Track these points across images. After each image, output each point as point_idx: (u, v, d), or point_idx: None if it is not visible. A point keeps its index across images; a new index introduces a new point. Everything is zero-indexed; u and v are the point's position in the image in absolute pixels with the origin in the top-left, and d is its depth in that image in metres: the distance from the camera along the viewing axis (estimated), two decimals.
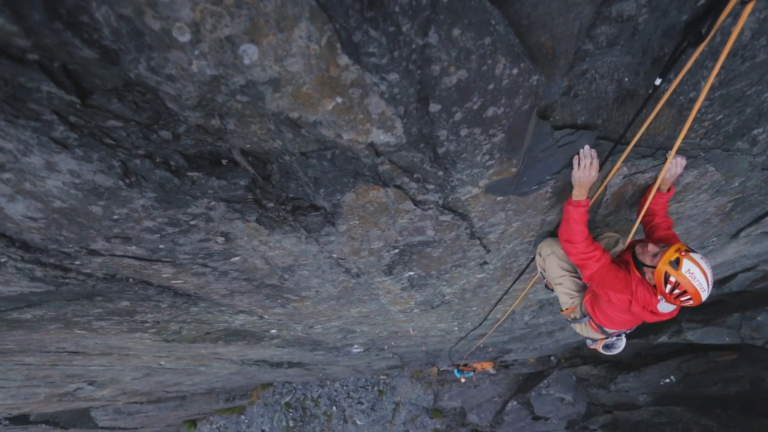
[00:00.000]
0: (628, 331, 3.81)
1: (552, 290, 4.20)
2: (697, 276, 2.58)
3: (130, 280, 2.94)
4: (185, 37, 1.33)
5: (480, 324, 7.11)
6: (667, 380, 10.75)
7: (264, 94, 1.61)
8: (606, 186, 3.09)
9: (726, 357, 9.71)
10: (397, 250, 3.41)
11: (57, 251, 2.35)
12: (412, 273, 4.01)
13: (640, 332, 11.01)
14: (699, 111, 2.56)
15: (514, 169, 2.63)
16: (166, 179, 1.98)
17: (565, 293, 3.91)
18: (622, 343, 3.91)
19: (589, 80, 2.23)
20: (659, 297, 2.86)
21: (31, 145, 1.60)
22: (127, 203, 2.05)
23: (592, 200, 3.02)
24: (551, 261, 3.78)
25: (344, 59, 1.55)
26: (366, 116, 1.86)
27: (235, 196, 2.27)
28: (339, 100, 1.73)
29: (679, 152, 2.83)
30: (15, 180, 1.74)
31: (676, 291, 2.66)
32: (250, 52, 1.43)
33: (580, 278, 3.74)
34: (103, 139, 1.68)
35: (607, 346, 3.93)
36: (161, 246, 2.52)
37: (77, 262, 2.50)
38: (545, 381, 13.78)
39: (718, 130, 2.80)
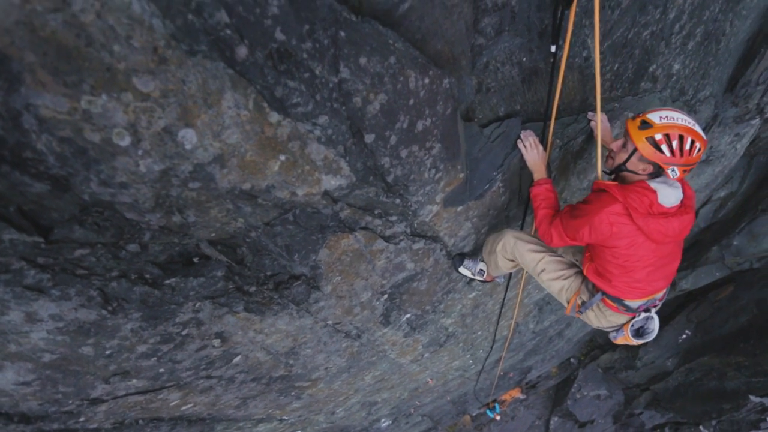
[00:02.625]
0: (658, 302, 2.91)
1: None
2: (673, 116, 2.21)
3: (140, 422, 2.84)
4: (126, 141, 1.41)
5: (491, 348, 7.06)
6: (684, 336, 10.83)
7: (213, 174, 1.69)
8: (548, 163, 3.27)
9: (725, 292, 9.94)
10: (386, 295, 3.44)
11: (58, 413, 2.28)
12: (408, 315, 4.02)
13: None
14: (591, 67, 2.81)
15: (461, 175, 2.76)
16: (146, 294, 1.99)
17: (555, 279, 3.13)
18: (656, 323, 2.96)
19: (493, 71, 2.43)
20: (669, 171, 2.28)
21: (6, 300, 1.61)
22: (115, 332, 2.03)
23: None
24: (520, 251, 3.15)
25: (274, 116, 1.66)
26: (312, 166, 1.96)
27: (216, 291, 2.29)
28: (282, 157, 1.83)
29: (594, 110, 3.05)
30: None
31: (675, 143, 2.19)
32: (188, 137, 1.52)
33: (556, 252, 3.19)
34: (75, 271, 1.71)
35: (637, 332, 2.98)
36: (161, 370, 2.48)
37: (82, 419, 2.42)
38: (575, 385, 13.58)
39: (620, 79, 3.05)
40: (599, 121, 2.62)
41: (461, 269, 3.60)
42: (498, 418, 14.95)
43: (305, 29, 1.49)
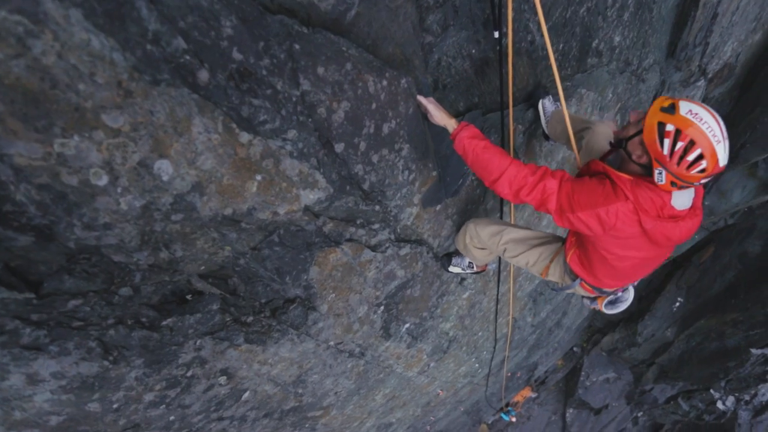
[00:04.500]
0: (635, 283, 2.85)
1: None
2: (704, 118, 1.79)
3: None
4: (104, 180, 1.42)
5: (494, 348, 7.07)
6: (677, 304, 11.00)
7: (194, 203, 1.71)
8: (514, 150, 3.36)
9: (707, 253, 10.17)
10: (382, 307, 3.45)
11: None
12: (408, 324, 4.02)
13: None
14: (543, 49, 2.93)
15: (434, 173, 2.82)
16: (145, 338, 1.98)
17: (517, 256, 3.02)
18: (630, 295, 2.93)
19: (446, 67, 2.51)
20: (656, 172, 1.98)
21: (5, 363, 1.59)
22: (120, 383, 2.01)
23: None
24: (481, 237, 3.04)
25: (245, 136, 1.70)
26: (288, 182, 1.99)
27: (215, 325, 2.28)
28: (259, 177, 1.86)
29: (548, 92, 3.16)
30: (3, 415, 1.69)
31: (680, 145, 1.82)
32: (164, 168, 1.54)
33: (516, 225, 3.07)
34: (71, 324, 1.69)
35: (610, 303, 2.95)
36: (172, 418, 2.44)
37: None
38: (583, 373, 13.61)
39: (567, 58, 3.18)
40: (563, 100, 2.52)
41: (451, 268, 3.64)
42: (514, 420, 14.85)
43: (261, 46, 1.54)
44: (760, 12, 5.21)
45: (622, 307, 2.95)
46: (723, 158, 1.83)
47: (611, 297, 2.89)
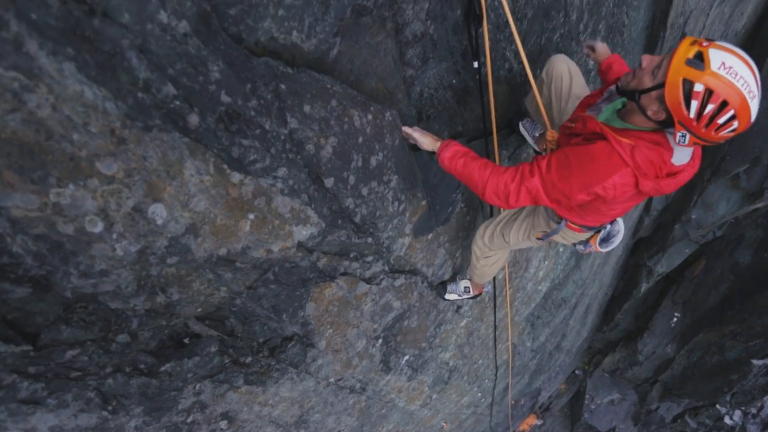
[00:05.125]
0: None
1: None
2: (739, 71, 1.54)
3: None
4: (99, 227, 1.44)
5: (496, 376, 7.01)
6: (675, 319, 11.02)
7: (189, 246, 1.73)
8: None
9: (699, 267, 10.25)
10: (380, 340, 3.44)
11: None
12: (407, 356, 4.00)
13: (623, 296, 11.35)
14: (522, 76, 3.03)
15: (423, 202, 2.86)
16: (144, 386, 1.96)
17: (524, 227, 2.91)
18: (620, 226, 2.69)
19: (428, 98, 2.58)
20: (678, 135, 1.75)
21: (3, 420, 1.56)
22: None
23: None
24: (500, 227, 2.98)
25: (236, 176, 1.73)
26: (281, 219, 2.02)
27: (213, 368, 2.26)
28: (251, 216, 1.88)
29: (525, 115, 3.24)
30: None
31: (710, 108, 1.58)
32: (158, 211, 1.56)
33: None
34: (69, 374, 1.68)
35: (603, 240, 2.75)
36: None
37: None
38: (587, 396, 13.47)
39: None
40: (533, 85, 2.45)
41: (447, 296, 3.65)
42: None
43: (248, 88, 1.59)
44: (726, 29, 5.42)
45: (616, 241, 2.75)
46: (755, 113, 1.61)
47: (602, 234, 2.70)
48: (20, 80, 1.10)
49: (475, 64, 2.45)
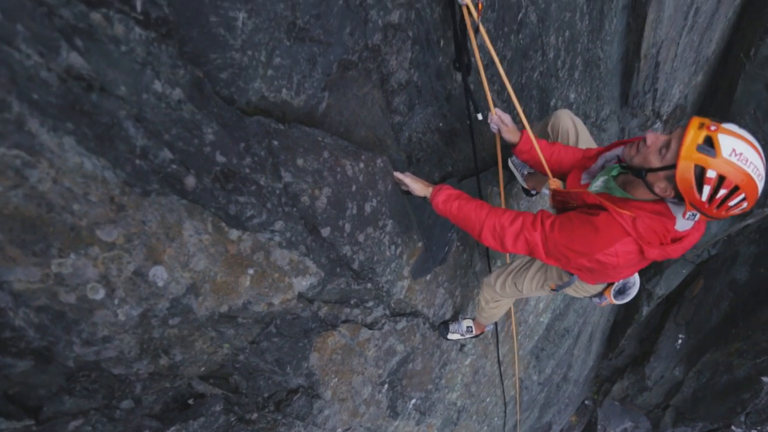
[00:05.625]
0: None
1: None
2: (749, 157, 1.60)
3: None
4: (101, 294, 1.45)
5: (505, 413, 6.88)
6: (679, 341, 10.94)
7: (190, 305, 1.73)
8: None
9: (698, 286, 10.25)
10: (386, 385, 3.39)
11: None
12: (414, 400, 3.94)
13: (625, 321, 11.28)
14: (507, 112, 3.10)
15: (420, 244, 2.89)
16: None
17: (537, 279, 2.90)
18: (636, 279, 2.73)
19: (417, 143, 2.64)
20: (689, 214, 1.81)
21: None
22: None
23: None
24: (511, 276, 2.99)
25: (234, 233, 1.75)
26: (280, 272, 2.03)
27: (219, 427, 2.22)
28: (251, 271, 1.89)
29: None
30: None
31: (722, 192, 1.64)
32: (159, 274, 1.57)
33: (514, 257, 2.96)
34: None
35: (619, 293, 2.75)
36: None
37: None
38: (599, 427, 13.21)
39: (530, 119, 3.33)
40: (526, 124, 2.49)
41: (450, 336, 3.63)
42: None
43: (242, 147, 1.63)
44: (697, 56, 5.60)
45: (632, 293, 2.77)
46: (761, 190, 1.67)
47: (616, 286, 2.71)
48: (22, 157, 1.13)
49: (480, 117, 2.48)
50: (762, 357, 9.17)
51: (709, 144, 1.61)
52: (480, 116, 2.51)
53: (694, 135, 1.64)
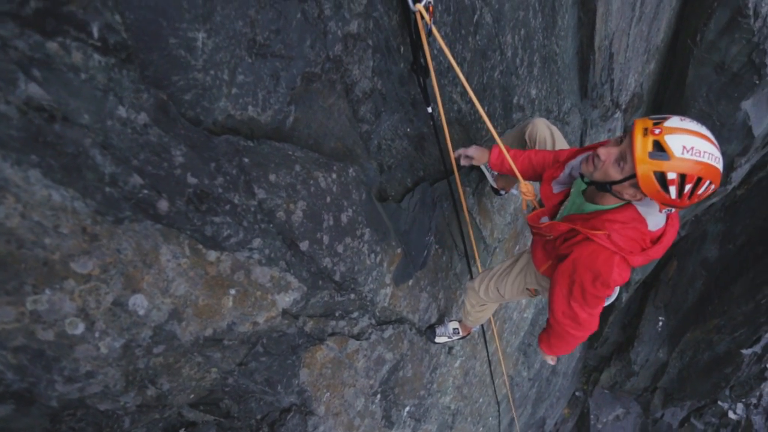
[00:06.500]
0: None
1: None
2: (701, 148, 1.64)
3: None
4: (80, 328, 1.41)
5: (499, 411, 6.90)
6: (660, 323, 11.15)
7: (174, 332, 1.70)
8: (470, 215, 3.49)
9: (671, 269, 10.50)
10: (378, 395, 3.37)
11: None
12: (408, 407, 3.92)
13: (606, 309, 11.45)
14: (471, 114, 3.15)
15: (399, 250, 2.89)
16: None
17: (518, 284, 2.99)
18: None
19: (386, 150, 2.66)
20: (665, 210, 1.88)
21: None
22: None
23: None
24: (494, 281, 3.05)
25: (212, 254, 1.73)
26: (262, 290, 2.01)
27: None
28: (233, 291, 1.87)
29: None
30: None
31: (688, 187, 1.68)
32: (139, 302, 1.54)
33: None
34: None
35: None
36: None
37: None
38: (592, 416, 13.33)
39: (494, 117, 3.42)
40: (497, 138, 2.57)
41: (437, 339, 3.64)
42: None
43: (212, 166, 1.62)
44: (648, 45, 5.79)
45: (612, 296, 2.71)
46: (721, 164, 1.71)
47: None
48: None
49: (429, 110, 2.55)
50: (739, 330, 9.41)
51: (660, 149, 1.66)
52: (430, 109, 2.56)
53: (642, 144, 1.69)
